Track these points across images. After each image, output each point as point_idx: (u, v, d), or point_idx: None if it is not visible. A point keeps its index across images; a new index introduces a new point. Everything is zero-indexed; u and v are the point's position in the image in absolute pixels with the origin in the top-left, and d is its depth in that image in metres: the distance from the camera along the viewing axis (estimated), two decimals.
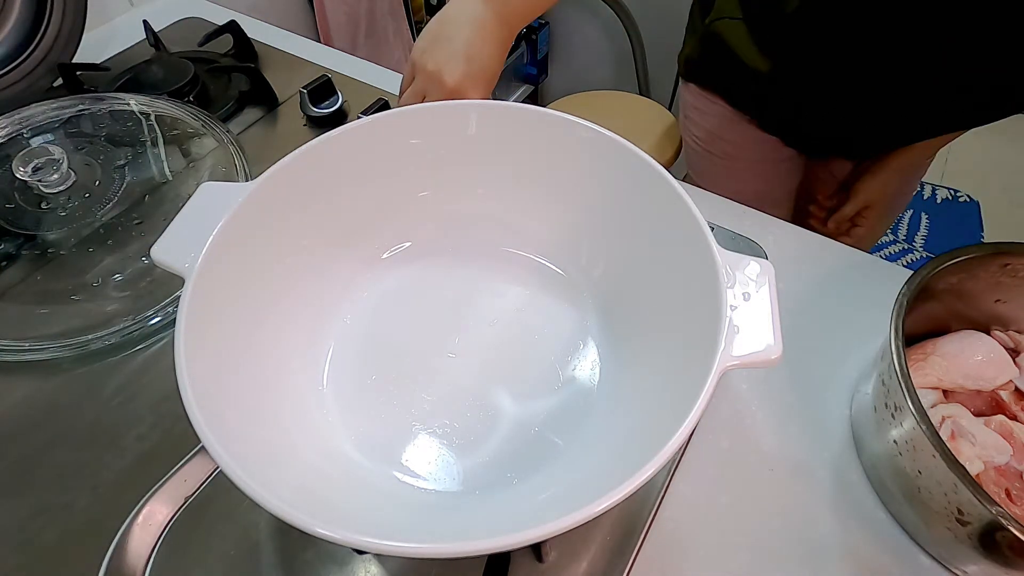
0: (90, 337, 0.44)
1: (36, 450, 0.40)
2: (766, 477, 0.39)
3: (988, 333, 0.40)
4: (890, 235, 1.55)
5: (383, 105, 0.61)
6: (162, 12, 0.76)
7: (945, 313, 0.40)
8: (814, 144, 0.72)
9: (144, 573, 0.32)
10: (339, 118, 0.61)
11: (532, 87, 1.85)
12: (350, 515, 0.32)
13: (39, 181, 0.50)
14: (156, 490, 0.34)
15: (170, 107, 0.58)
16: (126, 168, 0.55)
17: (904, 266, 0.48)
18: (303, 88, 0.60)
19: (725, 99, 0.71)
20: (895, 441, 0.34)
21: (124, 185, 0.53)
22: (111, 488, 0.39)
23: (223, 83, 0.65)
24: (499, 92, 1.65)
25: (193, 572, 0.35)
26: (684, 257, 0.35)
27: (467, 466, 0.37)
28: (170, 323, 0.45)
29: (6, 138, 0.55)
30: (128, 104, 0.58)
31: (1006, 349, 0.39)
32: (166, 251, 0.34)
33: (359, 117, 0.55)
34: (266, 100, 0.63)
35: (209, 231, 0.33)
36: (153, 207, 0.52)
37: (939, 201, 1.64)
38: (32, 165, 0.50)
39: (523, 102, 0.41)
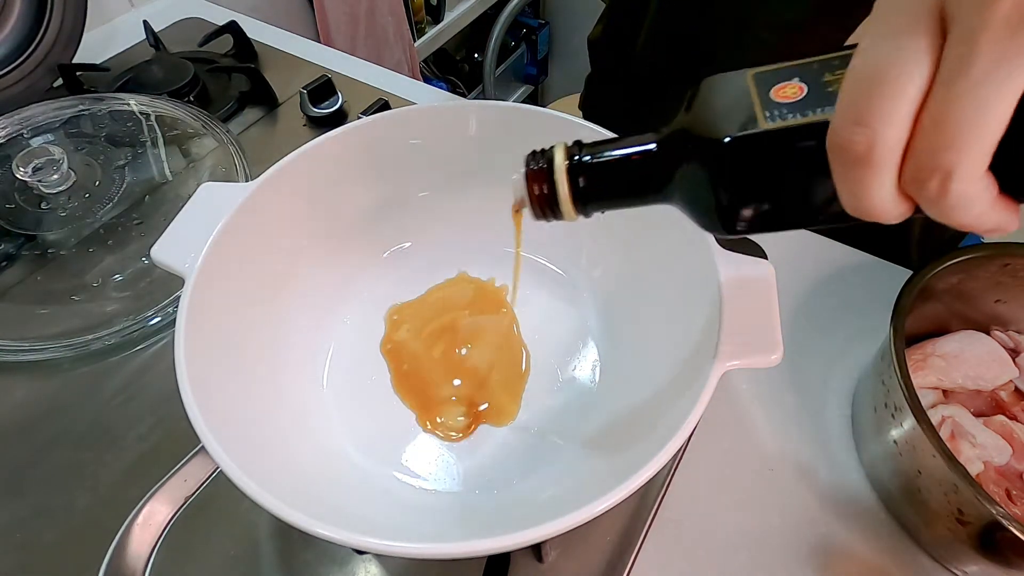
0: (90, 337, 0.44)
1: (36, 450, 0.40)
2: (766, 477, 0.39)
3: (988, 333, 0.40)
4: None
5: (383, 105, 0.61)
6: (162, 12, 0.76)
7: (945, 313, 0.40)
8: None
9: (144, 573, 0.32)
10: (339, 118, 0.61)
11: (532, 87, 1.85)
12: (350, 515, 0.32)
13: (39, 181, 0.50)
14: (156, 490, 0.34)
15: (170, 107, 0.58)
16: (126, 168, 0.55)
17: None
18: (303, 88, 0.60)
19: None
20: (895, 441, 0.34)
21: (124, 185, 0.53)
22: (111, 488, 0.39)
23: (223, 83, 0.65)
24: (499, 92, 1.65)
25: (193, 572, 0.35)
26: (684, 257, 0.35)
27: (467, 466, 0.37)
28: (170, 323, 0.45)
29: (6, 138, 0.55)
30: (128, 104, 0.58)
31: (1006, 349, 0.39)
32: (166, 251, 0.34)
33: (359, 117, 0.55)
34: (266, 100, 0.63)
35: (209, 231, 0.33)
36: (153, 207, 0.52)
37: None
38: (32, 165, 0.50)
39: (523, 102, 0.41)
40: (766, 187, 0.22)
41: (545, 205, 0.25)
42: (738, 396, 0.42)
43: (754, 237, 0.49)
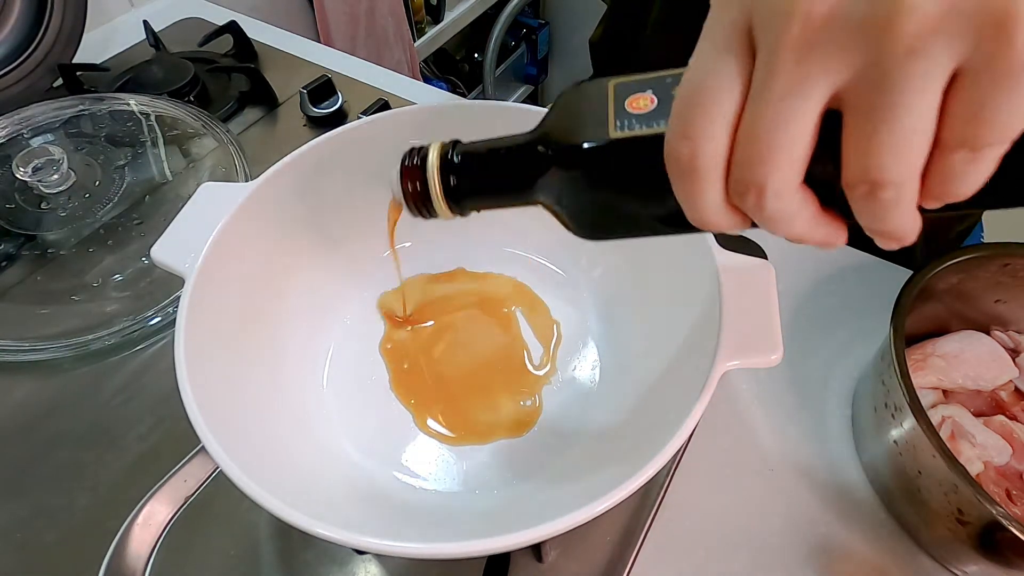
0: (90, 337, 0.44)
1: (36, 450, 0.40)
2: (766, 477, 0.39)
3: (988, 333, 0.40)
4: None
5: (383, 105, 0.61)
6: (162, 12, 0.76)
7: (945, 313, 0.40)
8: None
9: (144, 573, 0.32)
10: (339, 118, 0.61)
11: (532, 87, 1.85)
12: (350, 515, 0.32)
13: (39, 181, 0.50)
14: (156, 490, 0.34)
15: (170, 107, 0.58)
16: (126, 168, 0.55)
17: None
18: (303, 88, 0.60)
19: None
20: (895, 441, 0.34)
21: (124, 185, 0.53)
22: (111, 488, 0.39)
23: (223, 83, 0.65)
24: (499, 92, 1.65)
25: (193, 572, 0.35)
26: (684, 257, 0.35)
27: (467, 466, 0.37)
28: (170, 323, 0.45)
29: (6, 138, 0.55)
30: (128, 104, 0.58)
31: (1006, 349, 0.39)
32: (166, 251, 0.34)
33: (359, 117, 0.55)
34: (266, 100, 0.63)
35: (209, 231, 0.33)
36: (153, 207, 0.52)
37: None
38: (32, 165, 0.50)
39: (523, 102, 0.41)
40: (615, 194, 0.22)
41: (419, 202, 0.26)
42: (738, 396, 0.42)
43: (755, 237, 0.49)
